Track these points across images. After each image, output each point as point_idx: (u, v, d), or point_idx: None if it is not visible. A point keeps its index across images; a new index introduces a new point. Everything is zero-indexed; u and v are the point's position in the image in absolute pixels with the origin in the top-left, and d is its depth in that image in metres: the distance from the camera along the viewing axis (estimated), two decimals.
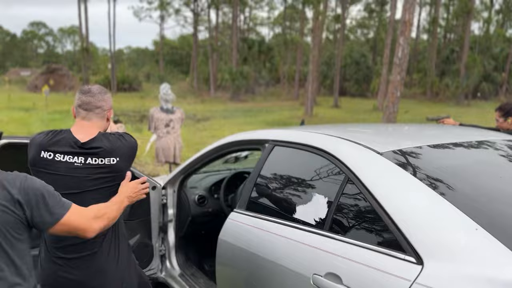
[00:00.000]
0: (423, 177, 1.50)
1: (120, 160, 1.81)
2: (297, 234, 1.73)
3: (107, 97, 1.94)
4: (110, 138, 1.83)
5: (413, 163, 1.61)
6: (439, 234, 1.30)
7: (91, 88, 1.91)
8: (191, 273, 2.91)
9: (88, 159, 1.76)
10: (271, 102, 27.09)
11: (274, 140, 2.17)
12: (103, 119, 1.89)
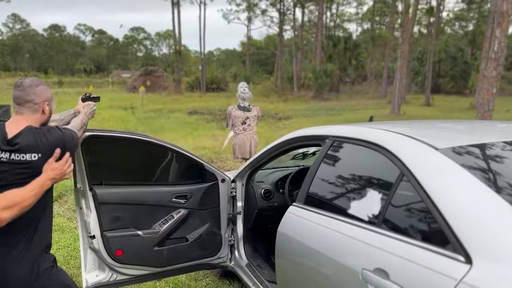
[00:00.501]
0: (480, 175, 1.41)
1: (42, 157, 1.77)
2: (350, 229, 1.72)
3: (40, 90, 1.88)
4: (36, 133, 1.79)
5: (472, 160, 1.51)
6: (491, 235, 1.22)
7: (23, 81, 1.88)
8: (257, 264, 3.01)
9: (12, 155, 1.75)
10: (356, 100, 26.34)
11: (334, 136, 2.17)
12: (36, 112, 1.85)
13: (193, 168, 3.00)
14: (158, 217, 2.83)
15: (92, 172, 2.63)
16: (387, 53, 29.31)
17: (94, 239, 2.64)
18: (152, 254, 2.77)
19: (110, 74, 66.84)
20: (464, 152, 1.56)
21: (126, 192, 2.74)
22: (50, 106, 1.94)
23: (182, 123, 14.95)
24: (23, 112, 1.84)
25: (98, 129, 2.57)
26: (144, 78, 38.41)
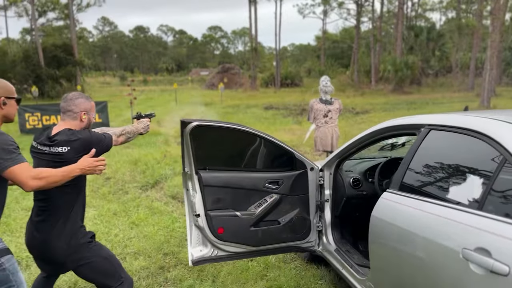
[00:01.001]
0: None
1: (71, 150, 2.25)
2: (450, 212, 1.79)
3: (78, 102, 2.37)
4: (69, 133, 2.29)
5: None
6: None
7: (67, 95, 2.41)
8: (346, 250, 3.13)
9: (51, 148, 2.27)
10: (440, 93, 24.88)
11: (431, 125, 2.22)
12: (75, 119, 2.36)
13: (284, 157, 3.19)
14: (253, 200, 3.08)
15: (197, 158, 2.94)
16: (474, 43, 27.23)
17: (199, 218, 2.95)
18: (249, 234, 3.02)
19: (189, 72, 70.04)
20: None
21: (226, 176, 3.02)
22: (87, 115, 2.41)
23: (259, 118, 15.34)
24: (64, 119, 2.38)
25: (203, 119, 2.87)
26: (222, 75, 39.75)
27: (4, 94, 2.18)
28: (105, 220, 4.86)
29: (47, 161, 2.27)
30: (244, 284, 3.31)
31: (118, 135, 2.57)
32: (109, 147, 2.44)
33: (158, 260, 3.80)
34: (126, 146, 9.58)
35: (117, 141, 2.55)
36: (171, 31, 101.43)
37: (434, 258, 1.78)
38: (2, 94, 2.16)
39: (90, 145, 2.31)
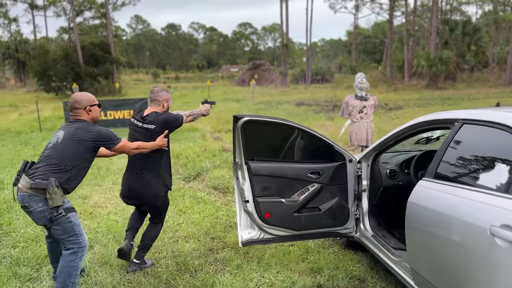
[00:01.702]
0: None
1: (157, 127, 3.32)
2: (479, 196, 2.04)
3: (161, 94, 3.46)
4: (155, 114, 3.38)
5: None
6: None
7: (154, 88, 3.54)
8: (382, 235, 3.39)
9: (144, 124, 3.36)
10: (476, 89, 24.30)
11: (464, 119, 2.46)
12: (159, 105, 3.45)
13: (325, 149, 3.48)
14: (296, 188, 3.39)
15: (247, 149, 3.28)
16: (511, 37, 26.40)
17: (248, 203, 3.29)
18: (292, 219, 3.33)
19: (220, 69, 70.87)
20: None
21: (272, 166, 3.34)
22: (167, 103, 3.51)
23: (291, 114, 15.57)
24: (152, 105, 3.49)
25: (253, 115, 3.20)
26: (252, 72, 40.15)
27: (88, 103, 3.02)
28: None
29: (140, 132, 3.36)
30: (287, 265, 3.63)
31: (187, 115, 3.57)
32: (181, 123, 3.48)
33: (206, 243, 4.18)
34: None
35: (187, 120, 3.56)
36: (202, 28, 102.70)
37: (465, 235, 2.03)
38: (87, 103, 3.01)
39: (169, 122, 3.39)
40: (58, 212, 2.74)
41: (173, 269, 3.57)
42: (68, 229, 2.82)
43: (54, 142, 2.89)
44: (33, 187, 2.69)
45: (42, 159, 2.85)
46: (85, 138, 2.88)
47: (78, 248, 2.86)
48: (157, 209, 3.54)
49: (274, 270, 3.54)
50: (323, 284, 3.29)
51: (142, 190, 3.39)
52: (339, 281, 3.32)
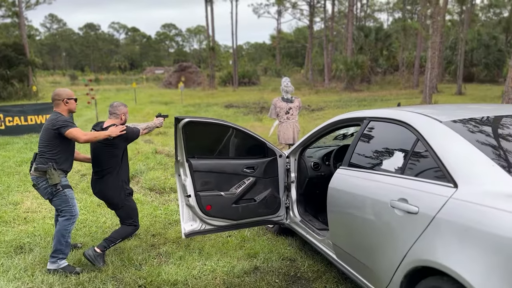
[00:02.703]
0: (465, 135, 2.21)
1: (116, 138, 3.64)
2: (382, 177, 2.56)
3: (120, 108, 3.83)
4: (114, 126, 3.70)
5: (461, 127, 2.31)
6: (468, 171, 2.03)
7: (113, 103, 3.89)
8: (309, 219, 3.87)
9: None
10: (388, 91, 26.60)
11: (370, 117, 3.00)
12: (117, 118, 3.82)
13: (258, 146, 3.89)
14: (234, 182, 3.74)
15: (188, 148, 3.57)
16: (418, 43, 29.31)
17: (190, 198, 3.58)
18: (231, 210, 3.69)
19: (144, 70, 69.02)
20: (457, 122, 2.36)
21: (211, 163, 3.66)
22: (125, 116, 3.88)
23: (221, 116, 15.91)
24: (111, 118, 3.83)
25: (192, 116, 3.49)
26: (179, 74, 39.81)
27: (67, 96, 3.68)
28: (91, 210, 5.33)
29: (100, 143, 3.69)
30: (226, 253, 3.97)
31: (143, 128, 3.95)
32: (138, 136, 3.86)
33: (148, 240, 4.37)
34: None
35: (143, 132, 3.94)
36: (123, 28, 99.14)
37: (373, 210, 2.53)
38: (65, 96, 3.67)
39: (127, 134, 3.73)
40: (57, 188, 3.54)
41: (118, 264, 3.74)
42: (64, 201, 3.61)
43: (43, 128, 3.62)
44: (36, 170, 3.54)
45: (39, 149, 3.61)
46: (49, 126, 3.54)
47: (70, 216, 3.63)
48: (120, 211, 3.86)
49: (215, 258, 3.86)
50: (259, 266, 3.68)
51: (103, 191, 3.83)
52: (273, 263, 3.74)
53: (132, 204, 3.92)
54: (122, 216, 3.88)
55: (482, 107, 3.04)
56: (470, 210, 1.89)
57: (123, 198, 3.82)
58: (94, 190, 3.89)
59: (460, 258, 1.86)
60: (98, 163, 3.79)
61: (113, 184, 3.77)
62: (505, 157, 2.05)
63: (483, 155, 2.05)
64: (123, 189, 3.83)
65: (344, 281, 3.34)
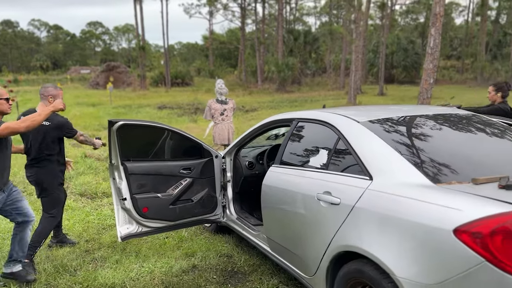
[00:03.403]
0: (379, 134, 2.51)
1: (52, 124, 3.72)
2: (309, 173, 2.79)
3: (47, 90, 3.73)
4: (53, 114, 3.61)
5: (377, 127, 2.61)
6: (381, 165, 2.32)
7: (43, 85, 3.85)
8: (244, 216, 4.04)
9: None
10: (317, 92, 27.78)
11: (298, 118, 3.24)
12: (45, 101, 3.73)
13: (194, 147, 3.98)
14: (170, 184, 3.80)
15: (122, 151, 3.56)
16: (344, 46, 30.95)
17: (126, 201, 3.58)
18: (168, 211, 3.74)
19: (68, 70, 65.23)
20: (373, 122, 2.66)
21: (147, 165, 3.69)
22: (53, 99, 3.72)
23: (154, 117, 15.64)
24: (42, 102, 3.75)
25: (127, 119, 3.50)
26: (107, 74, 38.19)
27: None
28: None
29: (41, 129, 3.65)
30: (163, 254, 4.02)
31: (81, 134, 3.95)
32: (73, 135, 3.88)
33: (81, 245, 4.28)
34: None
35: (79, 137, 3.91)
36: (44, 26, 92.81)
37: (302, 203, 2.76)
38: None
39: (64, 127, 3.81)
40: None
41: (51, 271, 3.63)
42: None
43: None
44: None
45: None
46: None
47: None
48: (48, 198, 3.85)
49: (153, 259, 3.90)
50: (197, 264, 3.78)
51: (38, 175, 3.80)
52: (210, 260, 3.86)
53: (61, 195, 3.95)
54: (47, 206, 3.86)
55: (397, 108, 3.41)
56: (383, 199, 2.17)
57: (56, 187, 3.85)
58: (28, 173, 3.82)
59: (376, 242, 2.13)
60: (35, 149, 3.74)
61: (50, 170, 3.80)
62: (413, 152, 2.37)
63: (394, 151, 2.35)
64: (58, 177, 3.86)
65: (278, 272, 3.56)
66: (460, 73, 41.09)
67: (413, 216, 1.97)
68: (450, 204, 1.87)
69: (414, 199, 2.02)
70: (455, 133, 2.70)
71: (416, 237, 1.94)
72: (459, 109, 3.39)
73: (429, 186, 2.06)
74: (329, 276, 2.53)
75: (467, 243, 1.74)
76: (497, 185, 1.95)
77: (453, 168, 2.23)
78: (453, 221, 1.81)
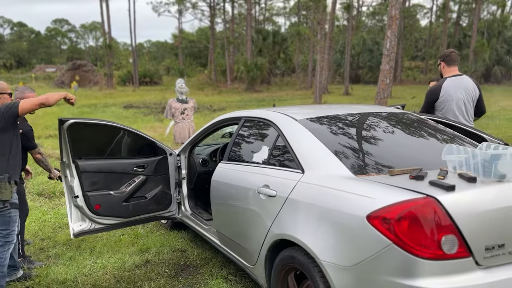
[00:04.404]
0: (314, 131, 2.70)
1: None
2: (252, 168, 2.96)
3: (20, 91, 3.65)
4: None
5: (312, 124, 2.80)
6: (313, 158, 2.51)
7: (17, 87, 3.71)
8: (198, 212, 4.16)
9: None
10: (285, 91, 28.15)
11: (246, 117, 3.39)
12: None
13: (148, 145, 4.07)
14: (124, 181, 3.88)
15: (73, 149, 3.62)
16: (311, 47, 31.47)
17: (78, 198, 3.64)
18: (121, 208, 3.82)
19: (33, 69, 63.16)
20: (310, 120, 2.85)
21: (99, 163, 3.76)
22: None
23: (119, 117, 15.48)
24: None
25: (78, 117, 3.56)
26: (73, 73, 37.33)
27: (1, 90, 3.26)
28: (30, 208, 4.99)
29: None
30: (118, 251, 4.09)
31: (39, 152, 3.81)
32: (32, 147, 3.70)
33: (36, 244, 4.29)
34: None
35: (36, 151, 3.74)
36: (8, 23, 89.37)
37: (244, 196, 2.92)
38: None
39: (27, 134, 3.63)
40: (4, 205, 2.96)
41: None
42: (5, 222, 3.00)
43: None
44: None
45: None
46: None
47: (5, 242, 3.04)
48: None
49: (106, 256, 3.96)
50: (151, 259, 3.88)
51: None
52: (164, 255, 3.96)
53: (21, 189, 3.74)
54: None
55: (339, 108, 3.60)
56: (311, 190, 2.35)
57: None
58: None
59: (305, 229, 2.31)
60: None
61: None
62: (341, 147, 2.56)
63: (324, 147, 2.54)
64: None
65: (228, 264, 3.71)
66: (423, 73, 42.56)
67: (334, 204, 2.16)
68: (365, 193, 2.06)
69: (336, 189, 2.21)
70: (383, 130, 2.92)
71: (336, 223, 2.13)
72: (396, 109, 3.64)
73: (350, 178, 2.25)
74: (267, 264, 2.69)
75: (378, 227, 1.94)
76: (408, 176, 2.17)
77: (375, 161, 2.44)
78: (366, 208, 2.00)
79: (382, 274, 1.94)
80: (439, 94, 4.21)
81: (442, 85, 4.22)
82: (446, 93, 4.17)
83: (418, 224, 1.88)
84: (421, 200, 1.91)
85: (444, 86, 4.20)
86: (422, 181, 2.09)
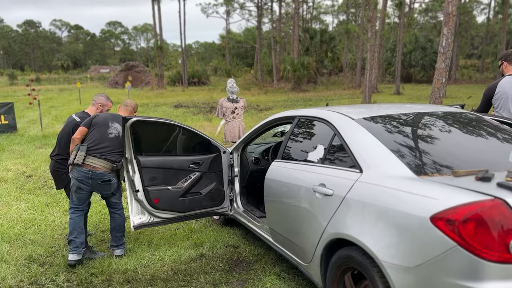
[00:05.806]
0: (371, 130, 2.67)
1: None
2: (307, 167, 2.98)
3: (97, 98, 4.31)
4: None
5: (370, 124, 2.78)
6: (372, 158, 2.49)
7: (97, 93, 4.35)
8: (250, 209, 4.24)
9: None
10: (333, 91, 27.75)
11: (299, 115, 3.42)
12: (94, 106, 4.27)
13: (203, 143, 4.20)
14: (180, 177, 4.03)
15: (136, 146, 3.81)
16: (360, 45, 30.82)
17: (138, 192, 3.83)
18: (178, 203, 3.98)
19: (88, 69, 66.61)
20: (366, 120, 2.83)
21: (159, 159, 3.93)
22: (102, 107, 4.28)
23: (170, 116, 15.97)
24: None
25: (141, 116, 3.74)
26: (126, 73, 38.92)
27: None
28: (39, 210, 5.38)
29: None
30: (174, 244, 4.25)
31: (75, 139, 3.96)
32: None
33: (98, 235, 4.55)
34: (39, 146, 9.69)
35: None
36: (65, 26, 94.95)
37: (300, 194, 2.94)
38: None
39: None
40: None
41: None
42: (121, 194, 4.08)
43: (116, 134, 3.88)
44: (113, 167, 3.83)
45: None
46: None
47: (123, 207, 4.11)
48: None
49: (163, 248, 4.13)
50: (205, 253, 4.01)
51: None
52: (218, 250, 4.07)
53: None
54: None
55: (396, 107, 3.55)
56: (370, 190, 2.34)
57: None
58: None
59: (363, 229, 2.30)
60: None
61: None
62: (401, 147, 2.53)
63: (383, 146, 2.51)
64: None
65: (281, 261, 3.75)
66: (480, 72, 40.42)
67: (396, 205, 2.14)
68: (428, 194, 2.03)
69: (397, 189, 2.18)
70: (445, 129, 2.84)
71: (397, 224, 2.10)
72: (457, 108, 3.52)
73: (411, 178, 2.22)
74: (323, 263, 2.71)
75: (442, 229, 1.90)
76: (474, 178, 2.10)
77: (437, 161, 2.38)
78: (430, 209, 1.97)
79: (445, 276, 1.90)
80: (495, 91, 4.18)
81: (499, 82, 4.19)
82: (501, 90, 4.13)
83: (485, 226, 1.83)
84: (488, 202, 1.85)
85: (501, 83, 4.16)
86: (489, 183, 2.02)
